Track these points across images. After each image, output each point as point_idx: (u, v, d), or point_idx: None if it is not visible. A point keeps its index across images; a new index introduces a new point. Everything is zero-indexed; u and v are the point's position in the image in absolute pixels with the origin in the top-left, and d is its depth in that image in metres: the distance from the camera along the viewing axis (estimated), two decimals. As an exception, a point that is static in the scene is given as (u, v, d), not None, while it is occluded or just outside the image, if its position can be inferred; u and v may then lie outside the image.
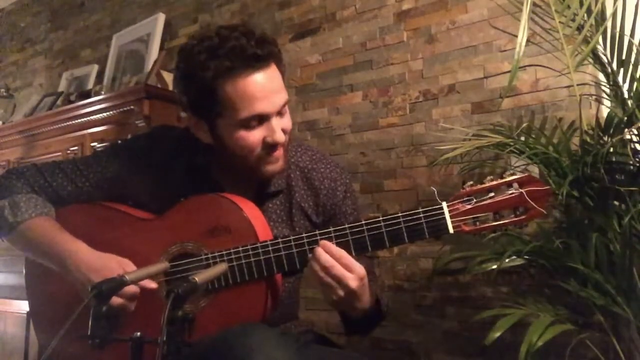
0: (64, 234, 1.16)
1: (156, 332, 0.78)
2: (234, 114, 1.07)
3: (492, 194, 1.03)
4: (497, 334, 1.32)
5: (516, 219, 1.03)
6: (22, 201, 1.19)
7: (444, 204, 1.03)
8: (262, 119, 1.08)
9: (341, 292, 1.00)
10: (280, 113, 1.11)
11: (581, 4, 1.49)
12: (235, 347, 0.93)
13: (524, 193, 1.01)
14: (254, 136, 1.09)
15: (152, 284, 1.09)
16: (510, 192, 1.02)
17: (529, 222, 1.04)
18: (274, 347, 0.94)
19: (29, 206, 1.19)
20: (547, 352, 1.37)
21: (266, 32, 1.12)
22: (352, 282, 1.00)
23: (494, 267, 1.52)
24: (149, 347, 0.87)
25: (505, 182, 1.03)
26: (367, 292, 1.05)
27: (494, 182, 1.03)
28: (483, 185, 1.04)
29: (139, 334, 0.87)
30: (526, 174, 1.04)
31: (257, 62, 1.05)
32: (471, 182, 1.05)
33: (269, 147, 1.10)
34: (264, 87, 1.06)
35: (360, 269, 1.01)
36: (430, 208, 1.04)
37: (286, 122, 1.13)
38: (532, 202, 1.00)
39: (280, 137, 1.10)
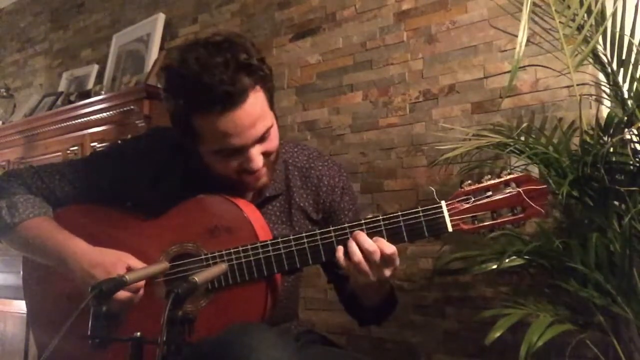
0: (62, 232, 1.16)
1: (156, 332, 0.78)
2: (207, 144, 1.07)
3: (489, 193, 1.04)
4: (497, 334, 1.32)
5: (513, 217, 1.04)
6: (20, 202, 1.19)
7: (443, 203, 1.04)
8: (237, 150, 1.07)
9: (373, 278, 1.03)
10: (262, 138, 1.08)
11: (581, 4, 1.49)
12: (235, 346, 0.93)
13: (521, 192, 1.01)
14: (230, 164, 1.09)
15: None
16: (507, 191, 1.03)
17: (526, 220, 1.05)
18: (274, 347, 0.94)
19: (27, 207, 1.19)
20: (547, 352, 1.37)
21: (257, 44, 1.06)
22: (388, 271, 1.03)
23: (494, 267, 1.53)
24: (149, 347, 0.87)
25: (503, 181, 1.04)
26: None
27: (492, 182, 1.04)
28: (481, 185, 1.05)
29: (139, 334, 0.87)
30: (524, 173, 1.05)
31: (229, 101, 1.00)
32: (469, 182, 1.06)
33: (247, 172, 1.10)
34: (236, 125, 1.02)
35: (397, 258, 1.03)
36: (429, 207, 1.04)
37: (269, 144, 1.10)
38: (529, 201, 1.01)
39: (257, 164, 1.08)
